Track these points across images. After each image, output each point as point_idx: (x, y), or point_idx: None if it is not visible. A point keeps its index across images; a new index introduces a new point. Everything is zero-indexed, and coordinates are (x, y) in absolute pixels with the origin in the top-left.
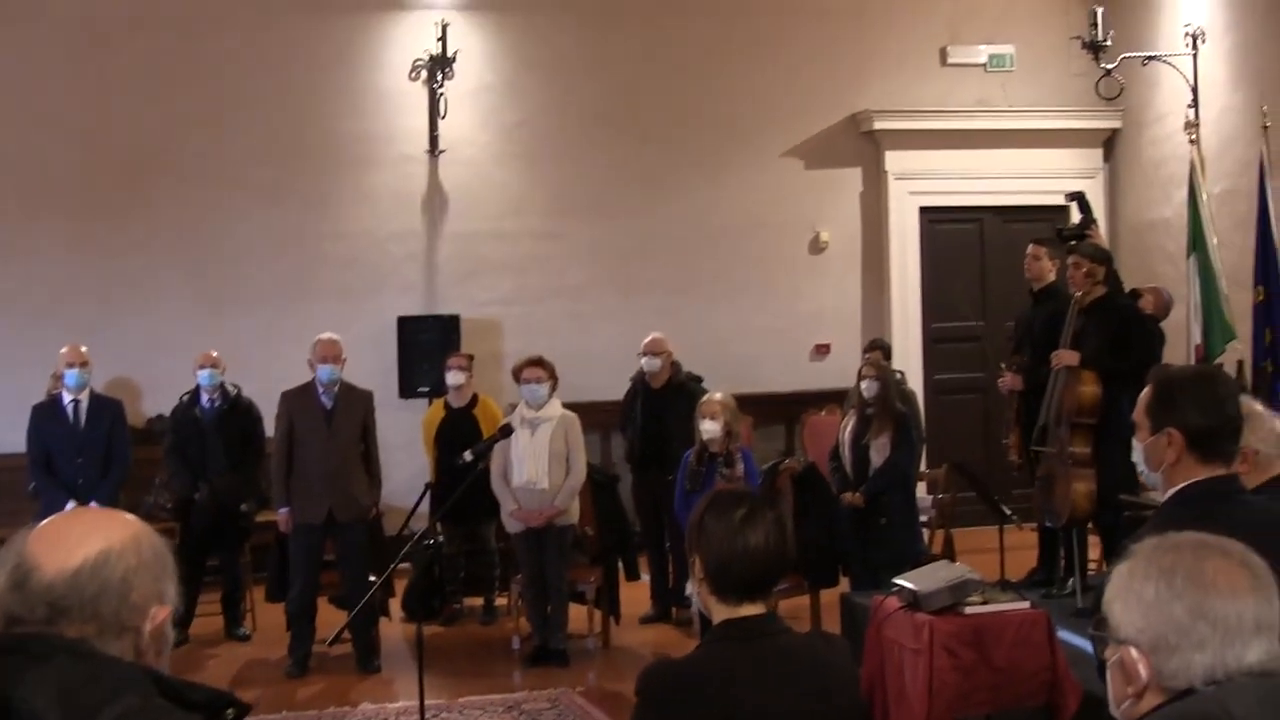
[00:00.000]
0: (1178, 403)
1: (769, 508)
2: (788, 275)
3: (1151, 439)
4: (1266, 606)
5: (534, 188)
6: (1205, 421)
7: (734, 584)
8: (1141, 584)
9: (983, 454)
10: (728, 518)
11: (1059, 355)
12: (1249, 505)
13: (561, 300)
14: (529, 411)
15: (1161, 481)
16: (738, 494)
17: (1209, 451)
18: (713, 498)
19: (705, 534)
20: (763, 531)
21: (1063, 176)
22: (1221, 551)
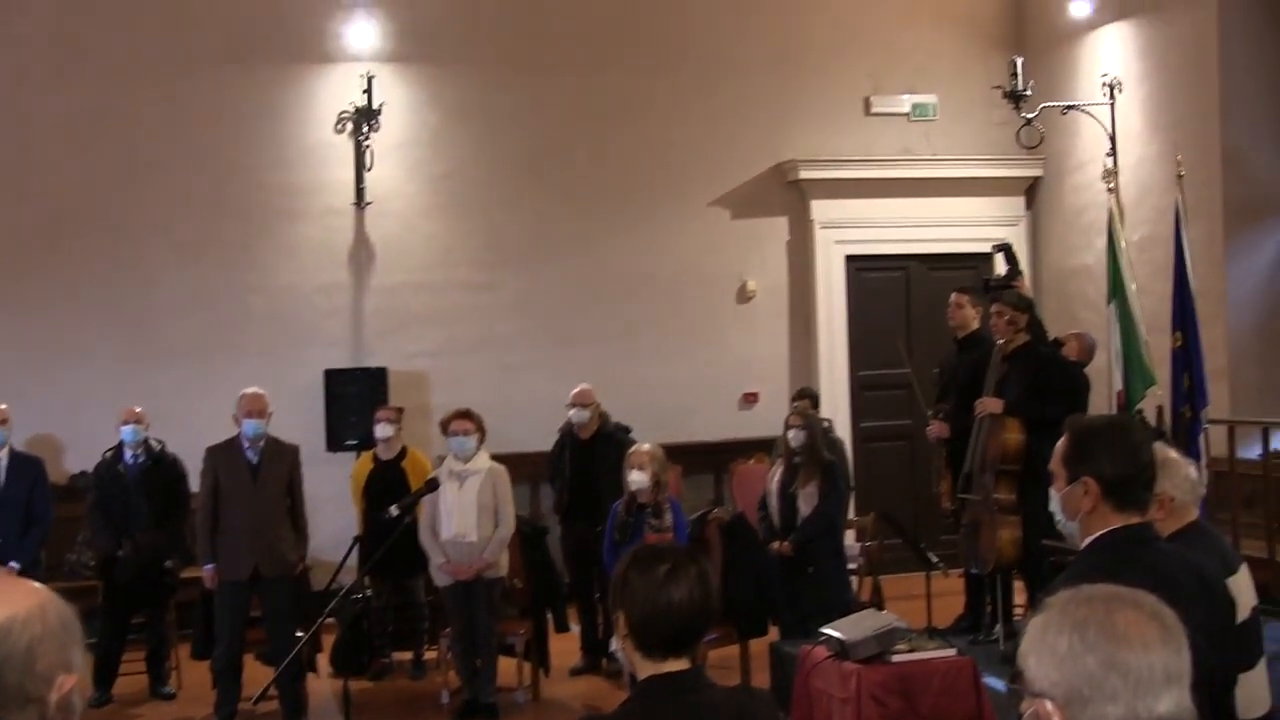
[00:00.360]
0: (1092, 452)
1: (692, 563)
2: (715, 324)
3: (1067, 488)
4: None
5: (461, 239)
6: (1119, 470)
7: (658, 640)
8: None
9: (910, 501)
10: (651, 573)
11: (982, 403)
12: (1164, 553)
13: (489, 352)
14: (457, 464)
15: (1078, 530)
16: (660, 549)
17: (1124, 500)
18: (635, 553)
19: (628, 590)
20: (686, 587)
21: (986, 224)
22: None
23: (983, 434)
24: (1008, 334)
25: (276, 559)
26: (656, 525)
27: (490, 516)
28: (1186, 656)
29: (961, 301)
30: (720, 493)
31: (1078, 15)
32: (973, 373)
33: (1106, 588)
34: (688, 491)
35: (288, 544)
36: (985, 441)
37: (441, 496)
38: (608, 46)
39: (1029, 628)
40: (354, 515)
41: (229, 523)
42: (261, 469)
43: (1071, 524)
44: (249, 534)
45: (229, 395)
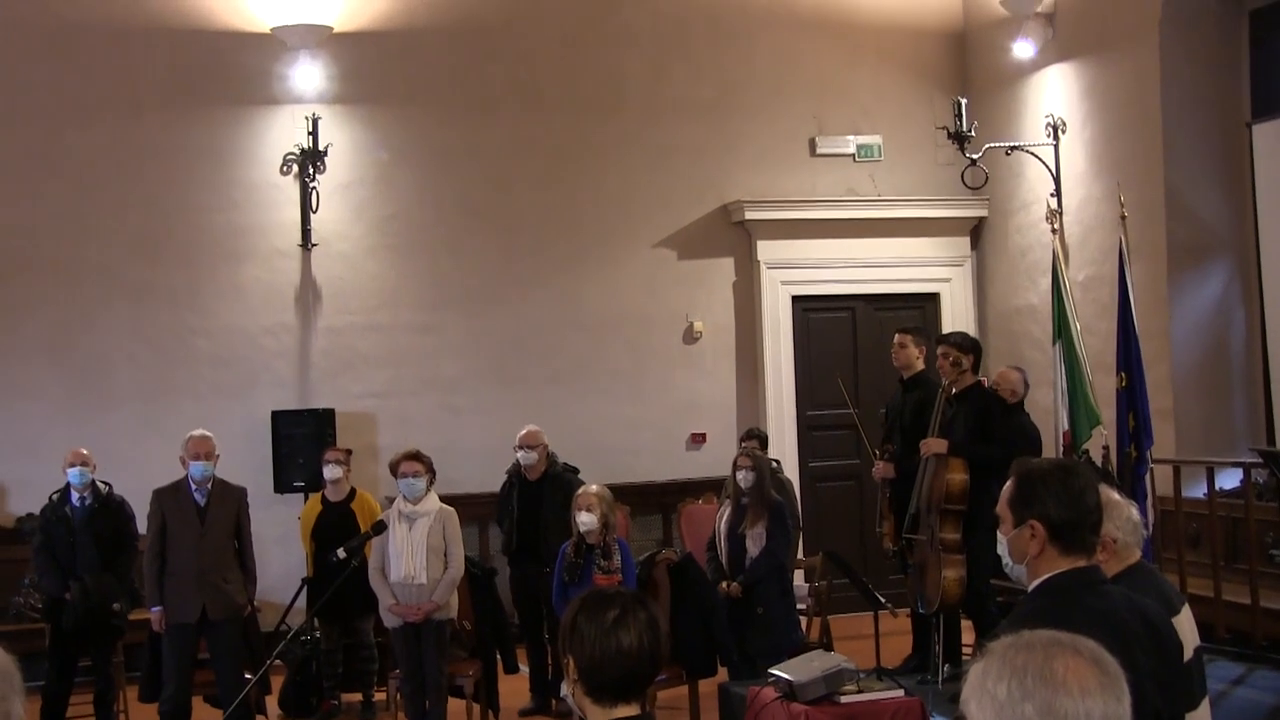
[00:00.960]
0: (1039, 495)
1: (641, 608)
2: (662, 365)
3: (1014, 532)
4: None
5: (407, 280)
6: (1066, 514)
7: (608, 685)
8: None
9: (858, 540)
10: (600, 619)
11: (927, 443)
12: (1111, 596)
13: (436, 393)
14: (406, 505)
15: (1025, 574)
16: (610, 594)
17: (1070, 543)
18: (585, 599)
19: (578, 635)
20: (635, 632)
21: (932, 264)
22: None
23: (927, 474)
24: (952, 375)
25: (224, 601)
26: (605, 566)
27: (439, 558)
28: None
29: (904, 341)
30: (668, 533)
31: (1021, 56)
32: (917, 413)
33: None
34: (636, 532)
35: (235, 586)
36: (930, 481)
37: (390, 538)
38: (552, 87)
39: (970, 673)
40: (302, 556)
41: (176, 565)
42: (209, 511)
43: (1019, 567)
44: (196, 576)
45: (176, 437)
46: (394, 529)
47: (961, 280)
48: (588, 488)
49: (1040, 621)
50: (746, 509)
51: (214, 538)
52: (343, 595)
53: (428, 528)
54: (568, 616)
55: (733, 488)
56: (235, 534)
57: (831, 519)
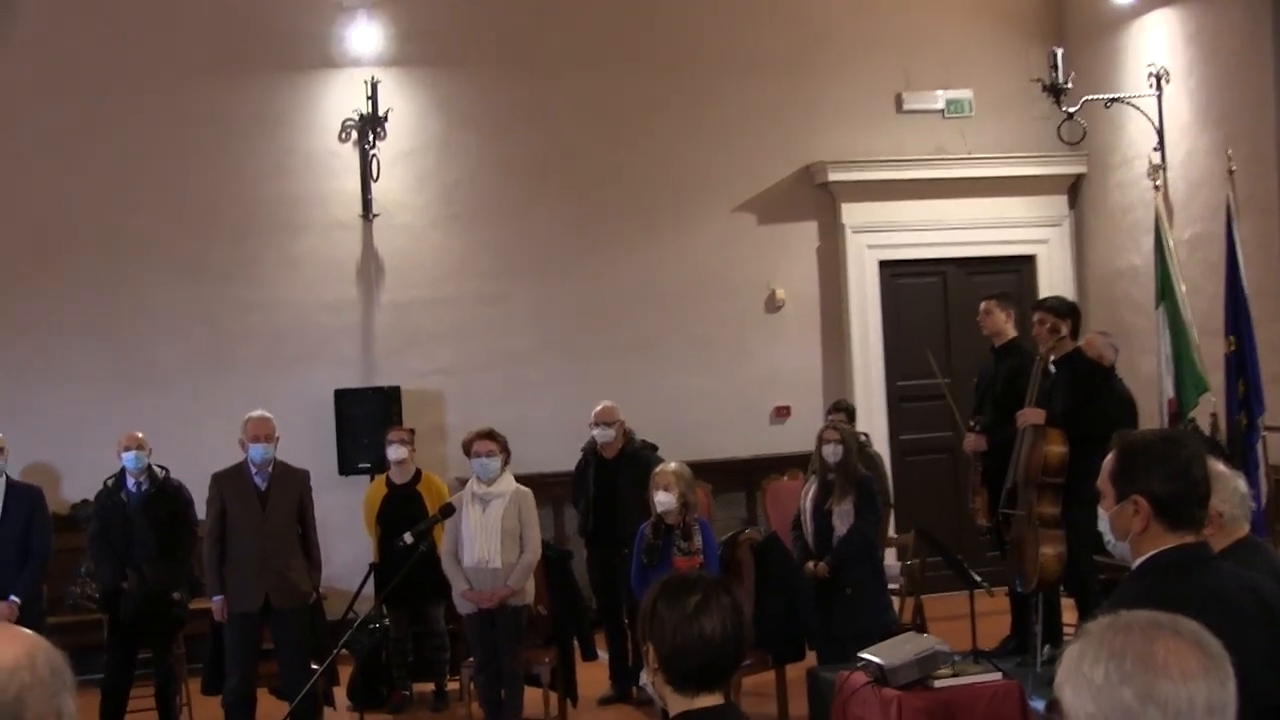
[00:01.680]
0: (1142, 469)
1: (724, 593)
2: (744, 335)
3: (1117, 508)
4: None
5: (473, 250)
6: (1171, 488)
7: (689, 674)
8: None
9: (953, 516)
10: (680, 605)
11: (1024, 414)
12: (1221, 574)
13: (506, 368)
14: (480, 487)
15: (1129, 551)
16: (691, 579)
17: (1176, 519)
18: (664, 584)
19: (658, 622)
20: (718, 618)
21: (1027, 225)
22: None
23: (1024, 446)
24: (1050, 342)
25: (288, 589)
26: (685, 548)
27: (514, 541)
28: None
29: (989, 308)
30: (752, 512)
31: (1121, 2)
32: (1010, 382)
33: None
34: (718, 511)
35: (299, 573)
36: (1027, 454)
37: (464, 521)
38: (621, 45)
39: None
40: (368, 542)
41: (238, 552)
42: (270, 495)
43: (1122, 544)
44: (258, 563)
45: (234, 419)
46: (467, 511)
47: (1059, 241)
48: (666, 465)
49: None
50: (833, 485)
51: (276, 523)
52: (412, 581)
53: (502, 510)
54: (647, 602)
55: (818, 463)
56: (298, 518)
57: (923, 494)
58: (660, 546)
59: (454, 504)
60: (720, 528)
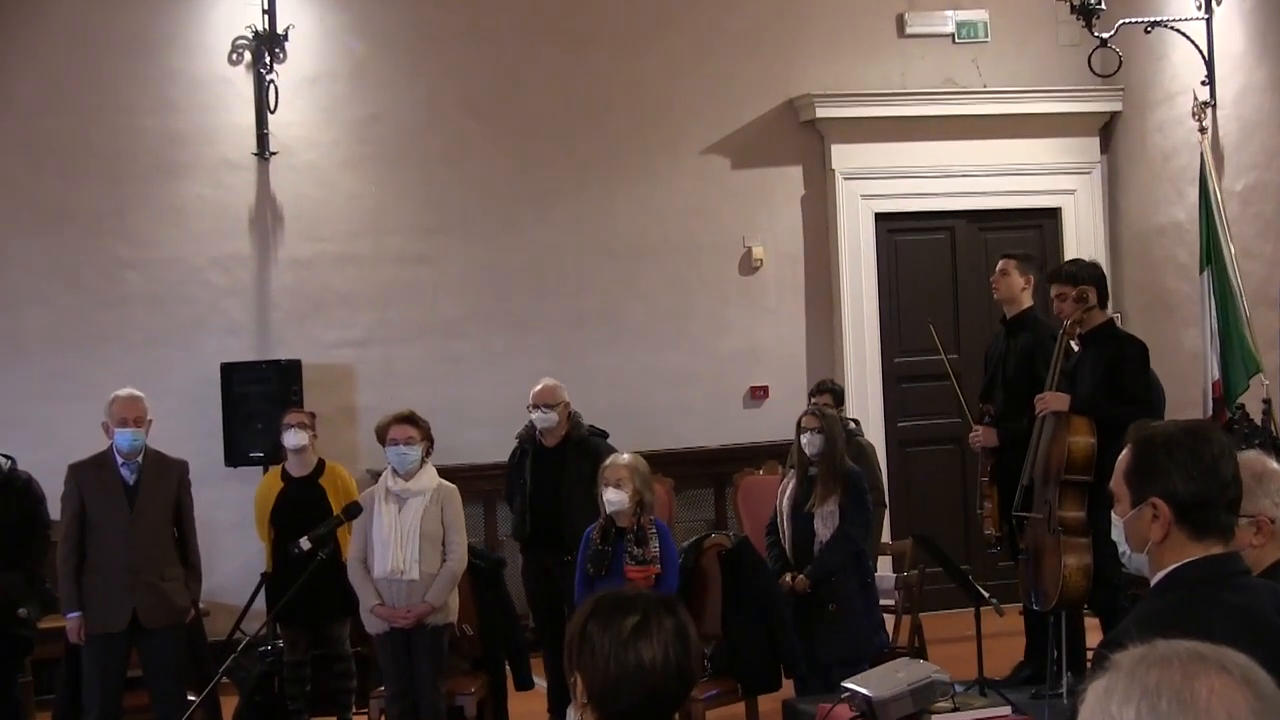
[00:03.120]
0: (1161, 467)
1: (667, 614)
2: (714, 302)
3: (1133, 512)
4: None
5: (393, 199)
6: (1195, 488)
7: (626, 711)
8: (1121, 707)
9: (960, 519)
10: (615, 628)
11: (1045, 398)
12: (1252, 591)
13: (431, 340)
14: (395, 481)
15: (1148, 564)
16: (628, 597)
17: (1202, 525)
18: (597, 602)
19: (588, 648)
20: (660, 644)
21: (1052, 172)
22: (1219, 667)
23: (1044, 437)
24: (1076, 314)
25: (161, 604)
26: (639, 555)
27: (436, 547)
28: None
29: (1007, 268)
30: (721, 513)
31: None
32: (1024, 361)
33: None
34: (680, 511)
35: (175, 584)
36: (1047, 447)
37: (375, 522)
38: None
39: (1089, 692)
40: (260, 547)
41: (100, 559)
42: (140, 491)
43: (1139, 556)
44: (125, 573)
45: (98, 399)
46: (379, 511)
47: (1088, 192)
48: (618, 457)
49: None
50: (815, 481)
51: (147, 525)
52: (313, 595)
53: (422, 509)
54: (575, 624)
55: (798, 455)
56: (174, 519)
57: (924, 492)
58: (609, 554)
59: (362, 502)
60: (683, 531)
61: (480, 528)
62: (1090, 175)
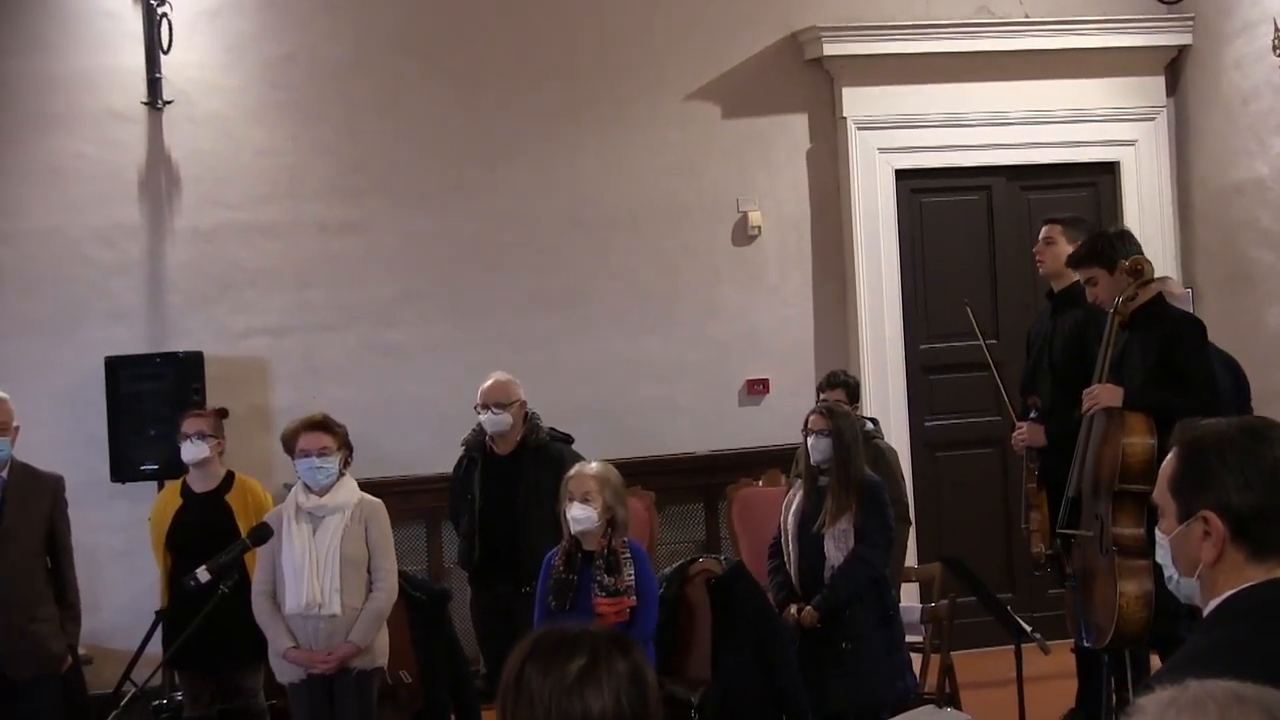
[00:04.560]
0: (1213, 473)
1: (620, 655)
2: (702, 279)
3: (1180, 529)
4: None
5: (314, 156)
6: (1254, 499)
7: None
8: None
9: (1000, 538)
10: (558, 671)
11: (1094, 392)
12: None
13: (361, 327)
14: (309, 498)
15: (1198, 590)
16: (571, 636)
17: (1263, 544)
18: (536, 641)
19: (525, 697)
20: (611, 692)
21: (1108, 119)
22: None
23: (1094, 439)
24: (1129, 288)
25: (31, 650)
26: (610, 585)
27: (360, 575)
28: None
29: (1053, 235)
30: (713, 531)
31: None
32: (1075, 345)
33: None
34: (663, 531)
35: (49, 626)
36: (1098, 450)
37: (285, 548)
38: None
39: None
40: (155, 578)
41: None
42: (4, 514)
43: (1189, 582)
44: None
45: None
46: (290, 533)
47: (1152, 143)
48: (584, 466)
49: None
50: (825, 494)
51: (14, 555)
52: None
53: (341, 529)
54: (510, 668)
55: (804, 463)
56: (47, 546)
57: (958, 506)
58: (575, 583)
59: (271, 524)
60: (665, 555)
61: (421, 553)
62: (1154, 123)
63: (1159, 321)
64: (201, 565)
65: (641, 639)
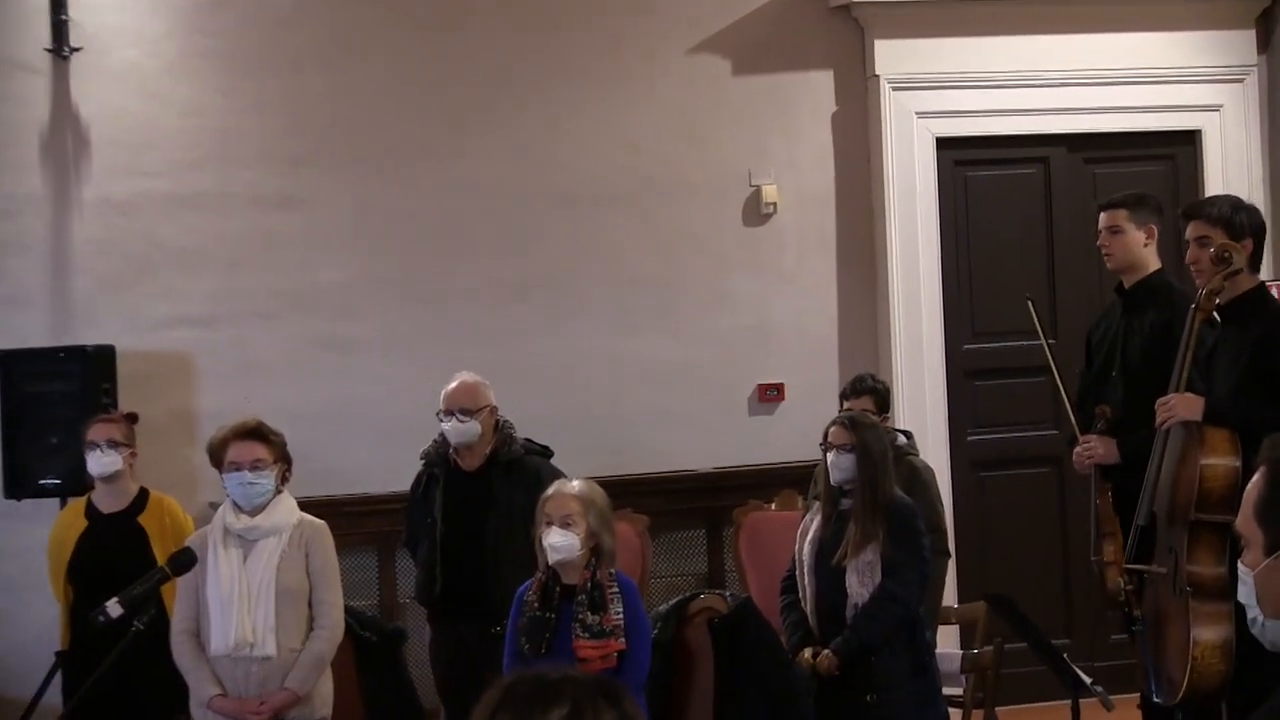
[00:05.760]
0: None
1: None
2: (707, 265)
3: (1266, 563)
4: None
5: (249, 116)
6: None
7: None
8: None
9: (1058, 571)
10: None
11: (1169, 403)
12: None
13: (302, 318)
14: (239, 519)
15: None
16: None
17: None
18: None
19: None
20: None
21: (1187, 80)
22: None
23: (1168, 458)
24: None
25: None
26: (595, 624)
27: (300, 610)
28: None
29: (1117, 222)
30: (717, 563)
31: None
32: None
33: None
34: (658, 562)
35: None
36: (1173, 472)
37: (211, 578)
38: None
39: None
40: (56, 613)
41: None
42: None
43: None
44: None
45: None
46: (216, 561)
47: (1239, 108)
48: (564, 485)
49: None
50: (848, 520)
51: None
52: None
53: (277, 557)
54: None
55: (824, 483)
56: None
57: (1006, 535)
58: (552, 623)
59: (193, 549)
60: (660, 590)
61: (372, 585)
62: (1243, 85)
63: (1257, 318)
64: (111, 598)
65: (631, 688)
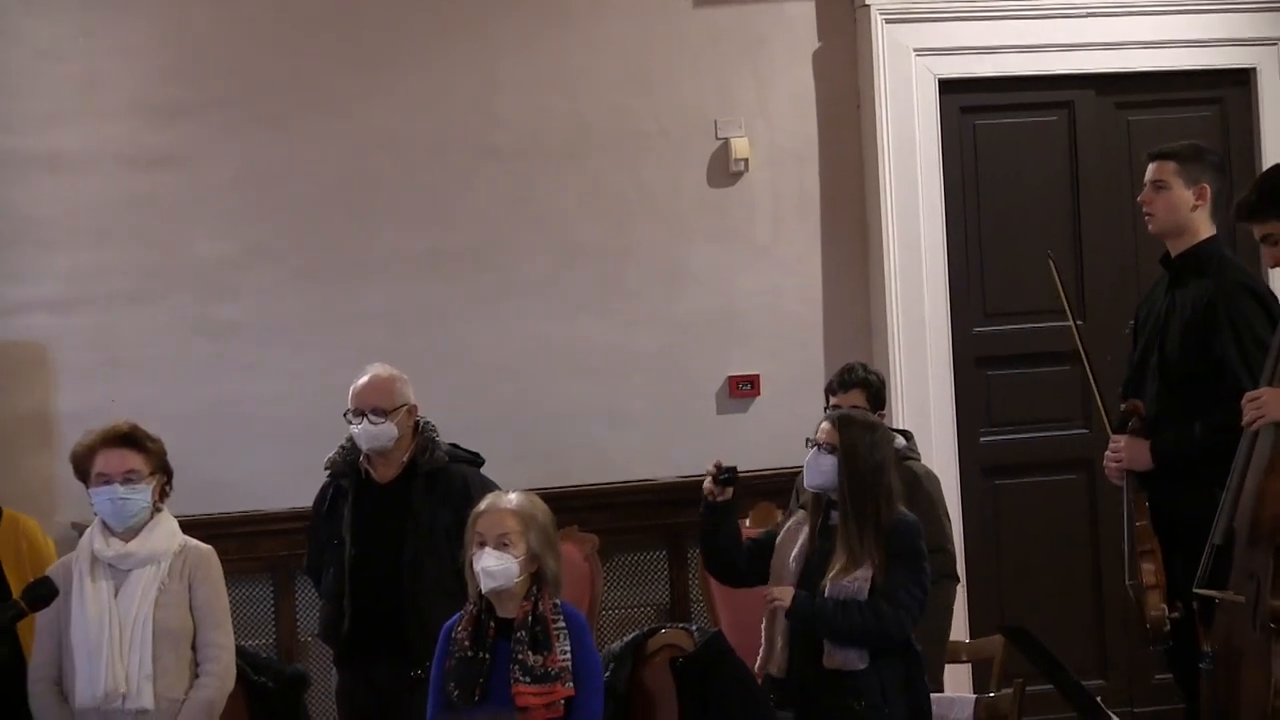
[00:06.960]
0: None
1: None
2: (666, 234)
3: None
4: None
5: (118, 59)
6: None
7: None
8: None
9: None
10: None
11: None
12: None
13: (182, 299)
14: (109, 544)
15: None
16: None
17: None
18: None
19: None
20: None
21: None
22: None
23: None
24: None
25: None
26: (537, 667)
27: (183, 653)
28: None
29: (1164, 177)
30: (681, 588)
31: None
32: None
33: None
34: (614, 588)
35: None
36: (1259, 483)
37: (76, 615)
38: None
39: None
40: None
41: None
42: None
43: None
44: None
45: None
46: (83, 594)
47: None
48: (499, 499)
49: None
50: (833, 536)
51: None
52: None
53: (155, 591)
54: None
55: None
56: None
57: (1026, 556)
58: (486, 663)
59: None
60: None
61: (268, 621)
62: None
63: None
64: None
65: None
